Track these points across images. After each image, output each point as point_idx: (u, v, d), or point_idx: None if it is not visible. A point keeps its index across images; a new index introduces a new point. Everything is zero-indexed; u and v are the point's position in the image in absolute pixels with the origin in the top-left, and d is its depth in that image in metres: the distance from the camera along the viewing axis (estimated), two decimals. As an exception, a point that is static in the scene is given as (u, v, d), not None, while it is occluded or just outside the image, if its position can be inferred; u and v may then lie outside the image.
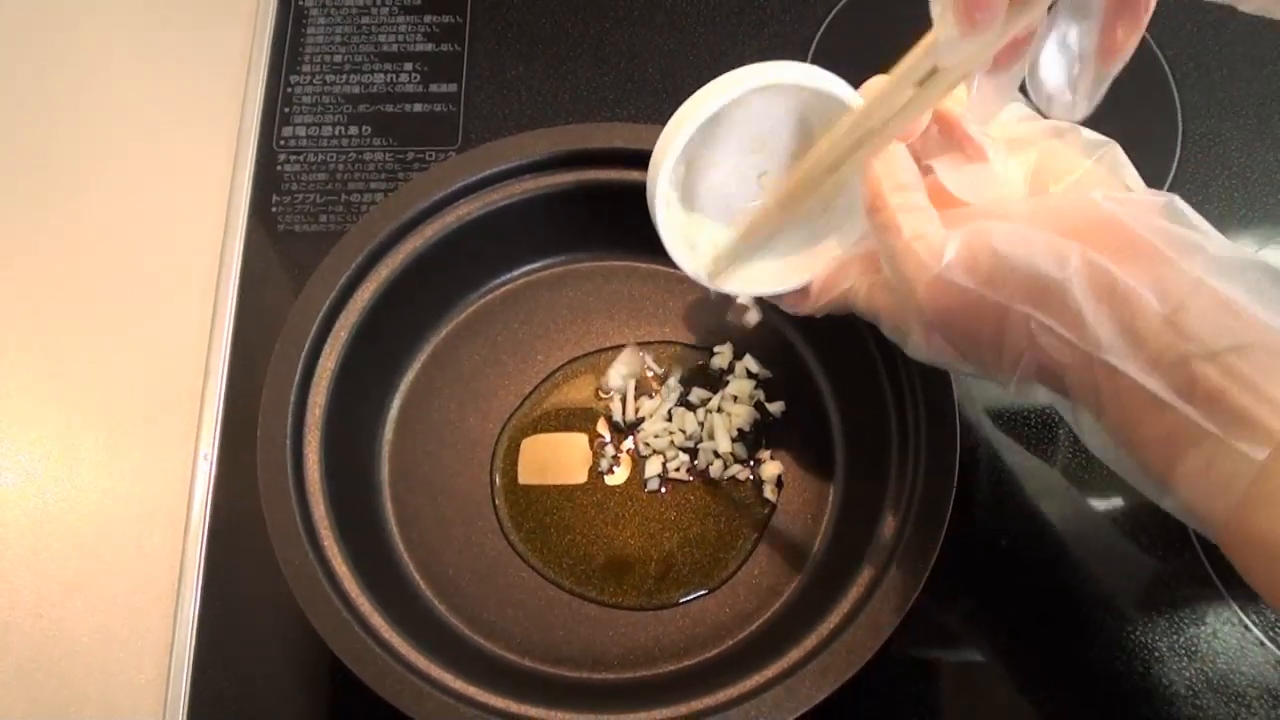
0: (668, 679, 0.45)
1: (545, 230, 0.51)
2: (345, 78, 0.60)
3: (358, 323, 0.47)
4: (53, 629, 0.48)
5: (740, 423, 0.50)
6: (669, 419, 0.50)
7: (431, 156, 0.58)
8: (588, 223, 0.51)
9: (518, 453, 0.50)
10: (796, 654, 0.41)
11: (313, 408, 0.45)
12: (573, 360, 0.52)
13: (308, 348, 0.45)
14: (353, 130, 0.59)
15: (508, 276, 0.53)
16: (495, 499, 0.49)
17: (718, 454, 0.49)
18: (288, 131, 0.59)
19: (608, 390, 0.51)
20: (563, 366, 0.52)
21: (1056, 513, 0.50)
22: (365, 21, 0.62)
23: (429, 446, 0.50)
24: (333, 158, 0.58)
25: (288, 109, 0.59)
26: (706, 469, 0.49)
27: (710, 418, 0.50)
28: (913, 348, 0.37)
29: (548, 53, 0.61)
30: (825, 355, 0.51)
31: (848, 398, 0.50)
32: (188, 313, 0.54)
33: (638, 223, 0.41)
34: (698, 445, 0.50)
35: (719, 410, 0.50)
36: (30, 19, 0.63)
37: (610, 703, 0.42)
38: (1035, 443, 0.51)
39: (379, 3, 0.63)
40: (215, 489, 0.50)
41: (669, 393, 0.51)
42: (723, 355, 0.52)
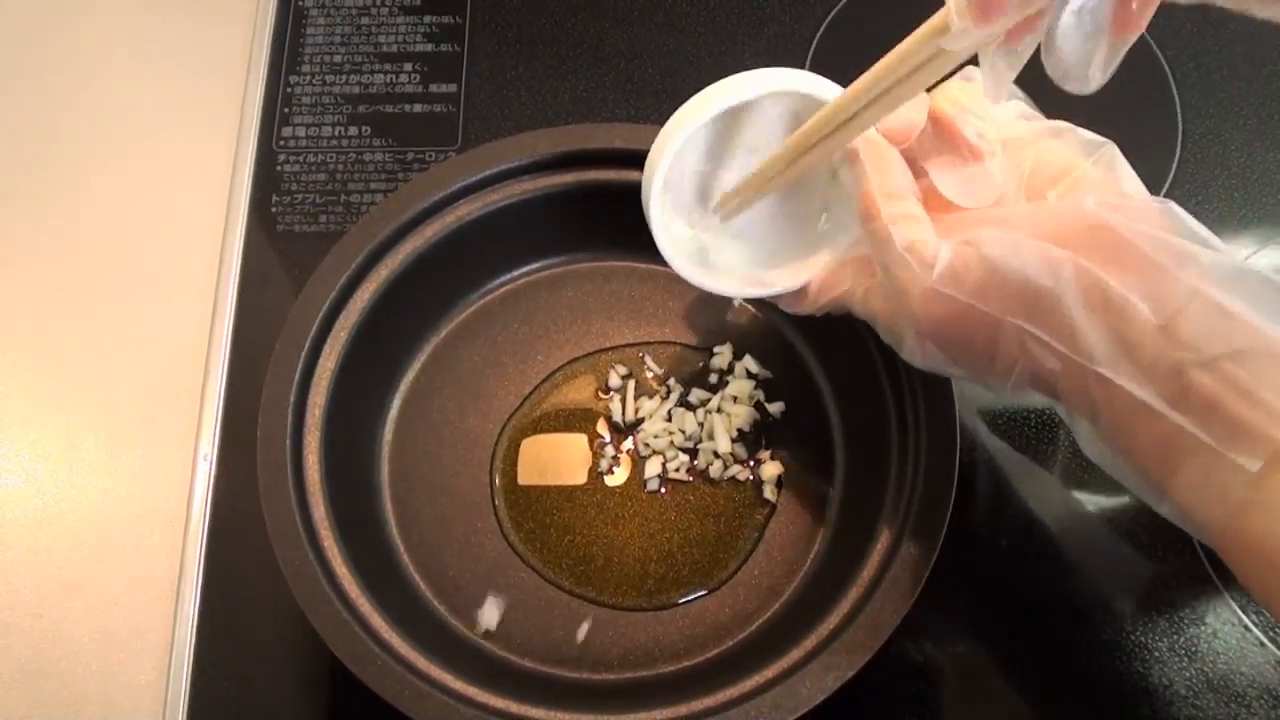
0: (667, 679, 0.45)
1: (545, 230, 0.51)
2: (345, 78, 0.60)
3: (358, 323, 0.47)
4: (53, 629, 0.48)
5: (740, 423, 0.50)
6: (669, 419, 0.50)
7: (431, 157, 0.58)
8: (587, 223, 0.51)
9: (518, 453, 0.50)
10: (796, 654, 0.41)
11: (313, 408, 0.45)
12: (573, 360, 0.52)
13: (308, 348, 0.45)
14: (352, 130, 0.59)
15: (508, 276, 0.53)
16: (495, 499, 0.49)
17: (718, 454, 0.49)
18: (287, 132, 0.59)
19: (608, 390, 0.51)
20: (563, 367, 0.52)
21: (1056, 513, 0.50)
22: (365, 22, 0.62)
23: (429, 446, 0.50)
24: (332, 158, 0.58)
25: (287, 109, 0.59)
26: (706, 469, 0.49)
27: (710, 418, 0.50)
28: (907, 353, 0.37)
29: (548, 53, 0.61)
30: (825, 355, 0.51)
31: (848, 398, 0.50)
32: (188, 313, 0.54)
33: (637, 223, 0.41)
34: (697, 446, 0.50)
35: (719, 410, 0.50)
36: (30, 19, 0.63)
37: (610, 703, 0.42)
38: (1034, 444, 0.51)
39: (379, 3, 0.63)
40: (215, 489, 0.50)
41: (669, 393, 0.51)
42: (723, 355, 0.52)
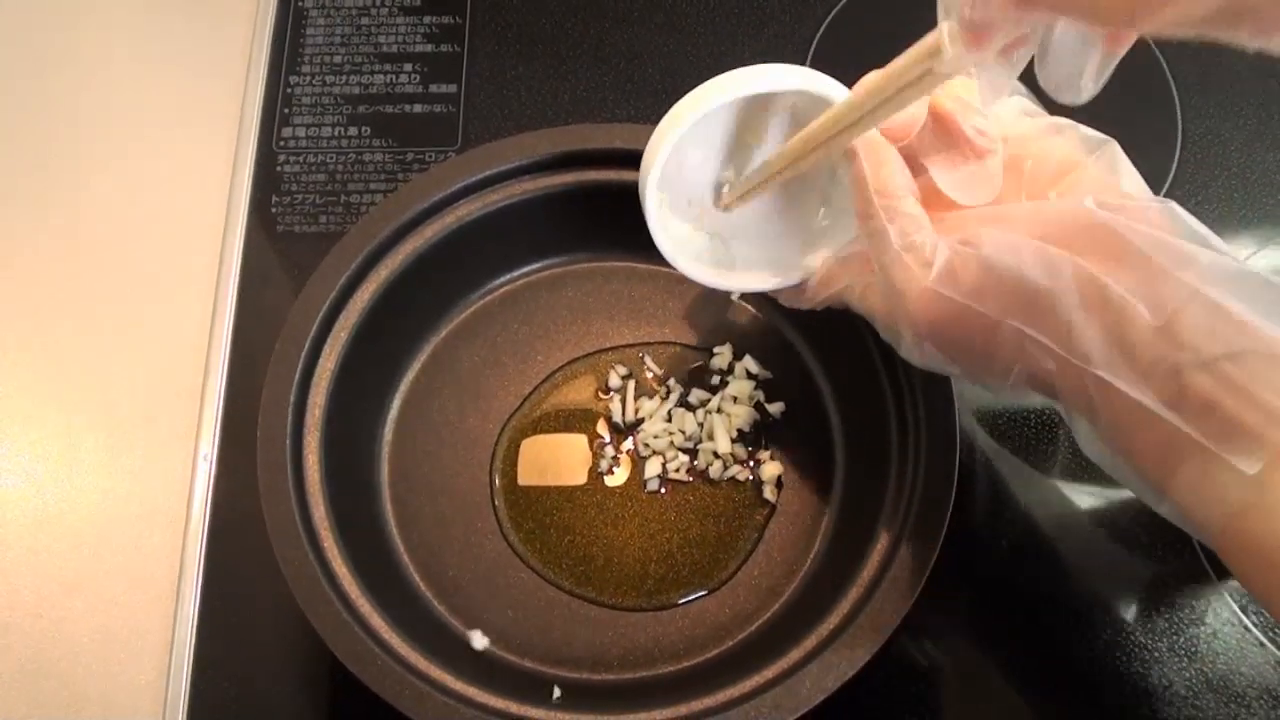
0: (667, 680, 0.45)
1: (545, 230, 0.51)
2: (345, 78, 0.60)
3: (358, 323, 0.47)
4: (53, 629, 0.48)
5: (740, 423, 0.50)
6: (669, 419, 0.50)
7: (431, 157, 0.58)
8: (587, 223, 0.51)
9: (517, 453, 0.50)
10: (796, 654, 0.41)
11: (313, 408, 0.45)
12: (572, 361, 0.52)
13: (308, 348, 0.45)
14: (352, 131, 0.59)
15: (508, 277, 0.53)
16: (495, 500, 0.49)
17: (717, 454, 0.49)
18: (287, 132, 0.59)
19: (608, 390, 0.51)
20: (562, 367, 0.52)
21: (1056, 513, 0.50)
22: (365, 22, 0.62)
23: (429, 447, 0.50)
24: (332, 158, 0.58)
25: (287, 109, 0.59)
26: (706, 469, 0.49)
27: (710, 418, 0.50)
28: (905, 351, 0.37)
29: (548, 53, 0.61)
30: (825, 355, 0.51)
31: (848, 398, 0.50)
32: (188, 313, 0.54)
33: (637, 223, 0.41)
34: (697, 446, 0.50)
35: (719, 411, 0.50)
36: (30, 19, 0.63)
37: (610, 703, 0.42)
38: (1034, 444, 0.51)
39: (379, 3, 0.63)
40: (215, 489, 0.50)
41: (669, 393, 0.51)
42: (723, 355, 0.52)
